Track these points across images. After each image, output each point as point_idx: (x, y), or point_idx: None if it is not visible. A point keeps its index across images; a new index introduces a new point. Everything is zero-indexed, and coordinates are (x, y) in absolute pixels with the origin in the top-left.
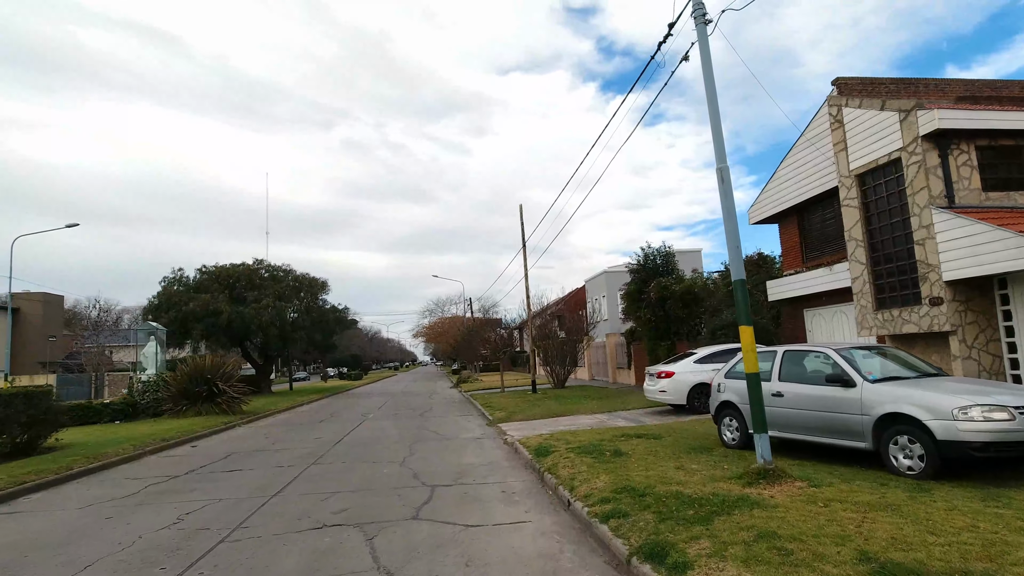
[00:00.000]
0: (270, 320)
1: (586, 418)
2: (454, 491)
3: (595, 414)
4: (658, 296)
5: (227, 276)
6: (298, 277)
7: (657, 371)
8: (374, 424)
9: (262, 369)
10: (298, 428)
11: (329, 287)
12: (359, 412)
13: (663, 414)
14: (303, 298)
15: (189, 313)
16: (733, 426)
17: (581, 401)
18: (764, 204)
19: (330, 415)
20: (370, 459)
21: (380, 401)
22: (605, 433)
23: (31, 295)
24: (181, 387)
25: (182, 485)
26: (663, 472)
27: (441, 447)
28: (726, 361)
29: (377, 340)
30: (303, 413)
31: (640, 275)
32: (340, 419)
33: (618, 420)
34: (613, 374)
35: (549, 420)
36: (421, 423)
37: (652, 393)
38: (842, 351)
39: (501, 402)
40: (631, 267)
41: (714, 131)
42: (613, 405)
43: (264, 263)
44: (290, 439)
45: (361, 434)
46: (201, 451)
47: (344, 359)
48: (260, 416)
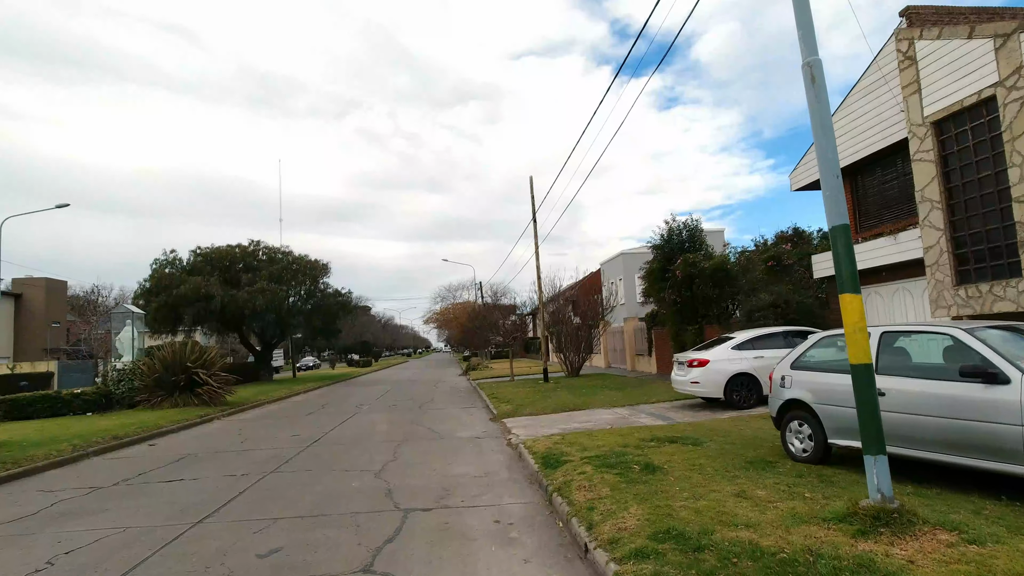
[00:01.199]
0: (265, 304)
1: (604, 413)
2: (433, 519)
3: (614, 408)
4: (684, 274)
5: (222, 258)
6: (297, 259)
7: (688, 359)
8: (365, 418)
9: (261, 356)
10: (280, 422)
11: (331, 270)
12: (354, 403)
13: (695, 409)
14: (303, 282)
15: (180, 297)
16: (804, 433)
17: (598, 392)
18: (809, 167)
19: (321, 406)
20: (343, 466)
21: (381, 390)
22: (629, 435)
23: (33, 280)
24: (156, 376)
25: (96, 503)
26: (719, 502)
27: (432, 449)
28: (771, 347)
29: (391, 327)
30: (294, 404)
31: (663, 252)
32: (330, 411)
33: (642, 416)
34: (632, 361)
35: (561, 415)
36: (417, 417)
37: (682, 384)
38: (976, 331)
39: (509, 392)
40: (653, 243)
41: (799, 16)
42: (635, 397)
43: (261, 244)
44: (263, 437)
45: (345, 431)
46: (156, 452)
47: (353, 346)
48: (244, 408)
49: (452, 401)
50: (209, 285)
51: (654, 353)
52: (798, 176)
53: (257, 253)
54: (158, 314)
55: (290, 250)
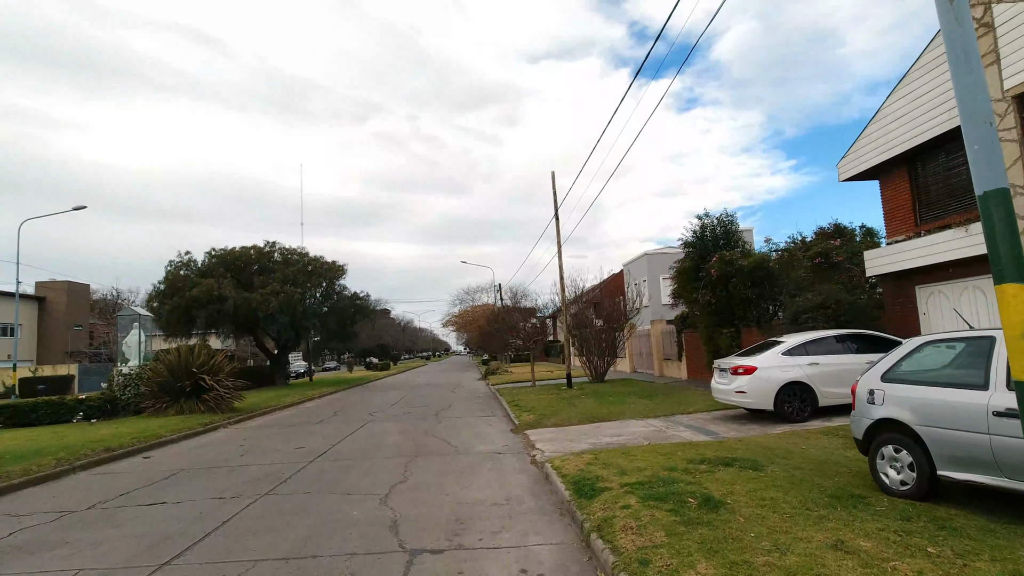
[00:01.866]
0: (278, 306)
1: (637, 425)
2: (443, 566)
3: (648, 419)
4: (720, 273)
5: (236, 259)
6: (312, 260)
7: (733, 365)
8: (377, 427)
9: (276, 359)
10: (286, 431)
11: (347, 272)
12: (368, 410)
13: (739, 421)
14: (318, 283)
15: (192, 299)
16: (903, 461)
17: (627, 400)
18: (861, 154)
19: (333, 413)
20: (345, 487)
21: (397, 396)
22: (672, 455)
23: (56, 283)
24: (161, 381)
25: (59, 533)
26: (814, 558)
27: (446, 468)
28: (827, 352)
29: (410, 330)
30: (305, 411)
31: (696, 250)
32: (341, 419)
33: (680, 429)
34: (659, 366)
35: (589, 427)
36: (432, 426)
37: (724, 394)
38: None
39: (531, 400)
40: (685, 240)
41: None
42: (668, 406)
43: (277, 246)
44: (265, 448)
45: (354, 442)
46: (148, 466)
47: (371, 349)
48: (253, 414)
49: (470, 408)
50: (222, 287)
51: (684, 358)
52: (848, 165)
53: (272, 254)
54: (171, 317)
55: (306, 251)
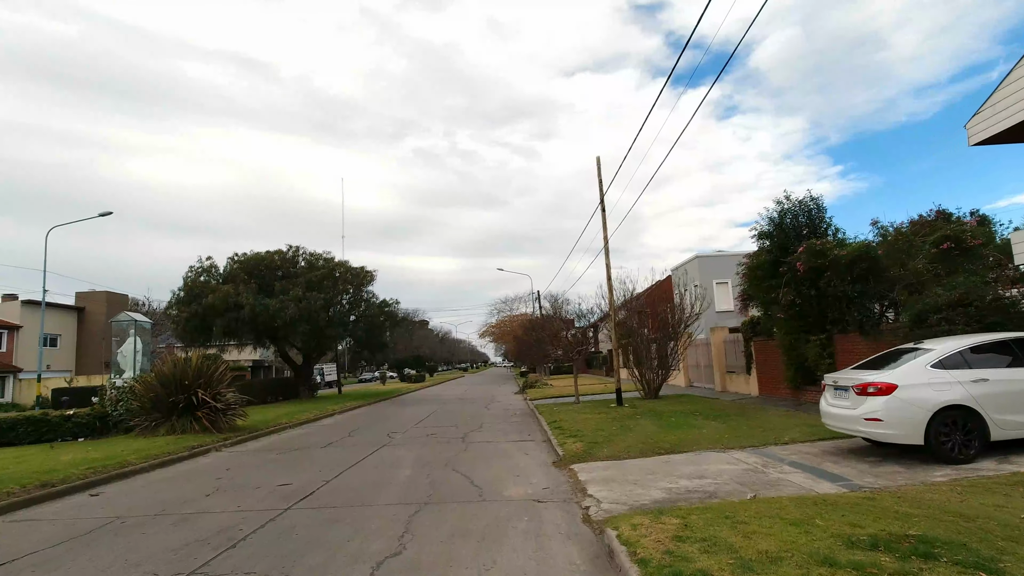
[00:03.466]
0: (298, 314)
1: (719, 460)
2: None
3: (731, 450)
4: (809, 267)
5: (258, 265)
6: (338, 265)
7: (859, 382)
8: (390, 455)
9: (300, 370)
10: (284, 459)
11: (375, 278)
12: (388, 429)
13: (866, 457)
14: (345, 290)
15: (209, 307)
16: None
17: (693, 422)
18: (1001, 108)
19: (347, 434)
20: (312, 561)
21: (424, 411)
22: (807, 521)
23: (95, 294)
24: (153, 396)
25: None
26: None
27: (464, 527)
28: (998, 364)
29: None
30: (318, 430)
31: (774, 241)
32: (352, 442)
33: (785, 469)
34: (721, 380)
35: (655, 460)
36: (456, 454)
37: (843, 420)
38: None
39: (576, 420)
40: (759, 230)
41: None
42: (752, 433)
43: (301, 251)
44: (244, 484)
45: (354, 478)
46: (85, 509)
47: (407, 360)
48: (256, 434)
49: (504, 429)
50: (239, 293)
51: (754, 370)
52: (982, 124)
53: (296, 260)
54: (188, 325)
55: (332, 256)
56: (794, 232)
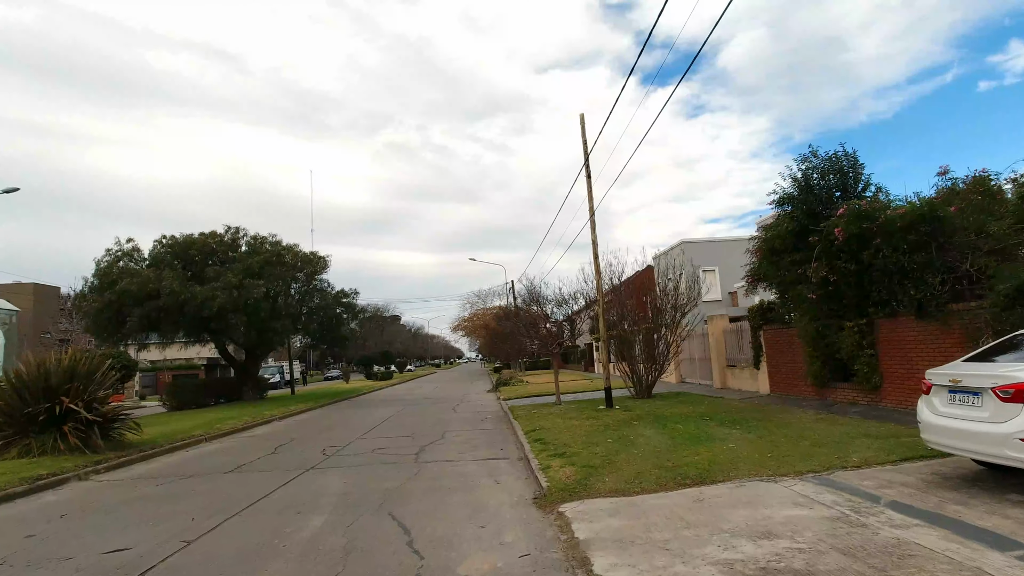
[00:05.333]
0: (229, 303)
1: (779, 497)
2: None
3: (785, 478)
4: (850, 235)
5: (190, 248)
6: (286, 250)
7: (999, 383)
8: (309, 486)
9: (243, 368)
10: (157, 496)
11: (329, 265)
12: (325, 443)
13: (1010, 493)
14: (293, 277)
15: (123, 294)
16: None
17: (709, 430)
18: None
19: (272, 450)
20: None
21: (381, 415)
22: None
23: (20, 286)
24: (6, 407)
25: None
26: None
27: None
28: None
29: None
30: (239, 444)
31: (800, 205)
32: (270, 466)
33: (896, 516)
34: (721, 376)
35: (683, 497)
36: (399, 486)
37: (975, 440)
38: None
39: (560, 428)
40: (779, 194)
41: None
42: (798, 448)
43: (242, 233)
44: (46, 558)
45: (238, 534)
46: None
47: (374, 356)
48: (147, 454)
49: (470, 440)
50: (160, 279)
51: (764, 364)
52: None
53: (237, 243)
54: (99, 316)
55: (279, 239)
56: (825, 194)
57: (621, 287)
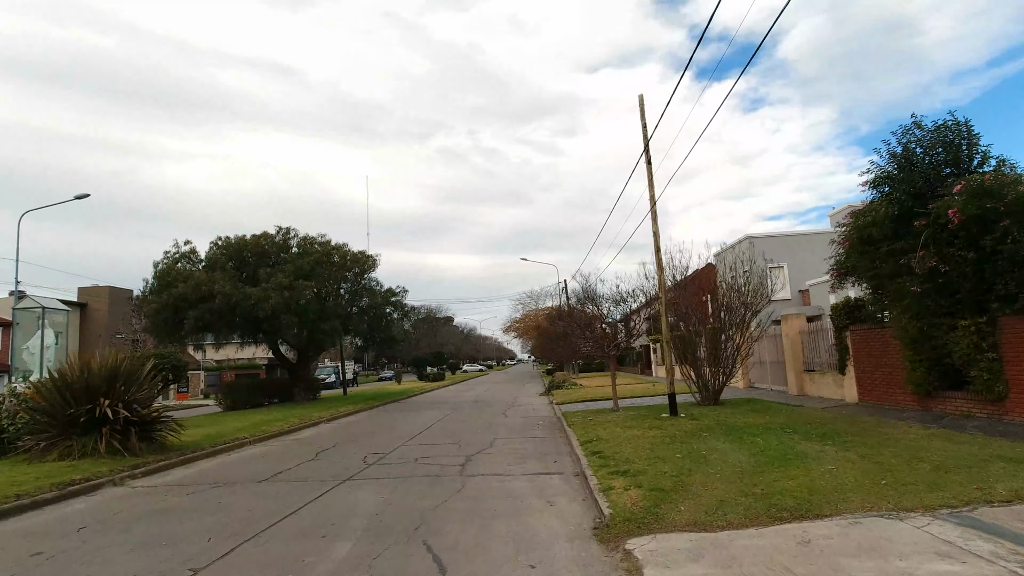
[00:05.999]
0: (282, 304)
1: (913, 541)
2: None
3: (912, 514)
4: (969, 216)
5: (244, 250)
6: (335, 249)
7: None
8: (341, 502)
9: (295, 370)
10: (185, 506)
11: (378, 263)
12: (368, 450)
13: None
14: (343, 277)
15: (179, 296)
16: None
17: (796, 447)
18: None
19: (313, 456)
20: None
21: (429, 419)
22: None
23: (97, 289)
24: (47, 407)
25: None
26: None
27: None
28: None
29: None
30: (282, 449)
31: (901, 185)
32: (306, 475)
33: None
34: (798, 381)
35: (783, 536)
36: (438, 506)
37: None
38: None
39: (620, 439)
40: (875, 174)
41: None
42: (918, 474)
43: (293, 233)
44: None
45: (248, 564)
46: None
47: (426, 357)
48: (187, 458)
49: (520, 451)
50: (214, 281)
51: (851, 369)
52: None
53: (288, 244)
54: (157, 317)
55: (328, 239)
56: (931, 172)
57: (685, 283)
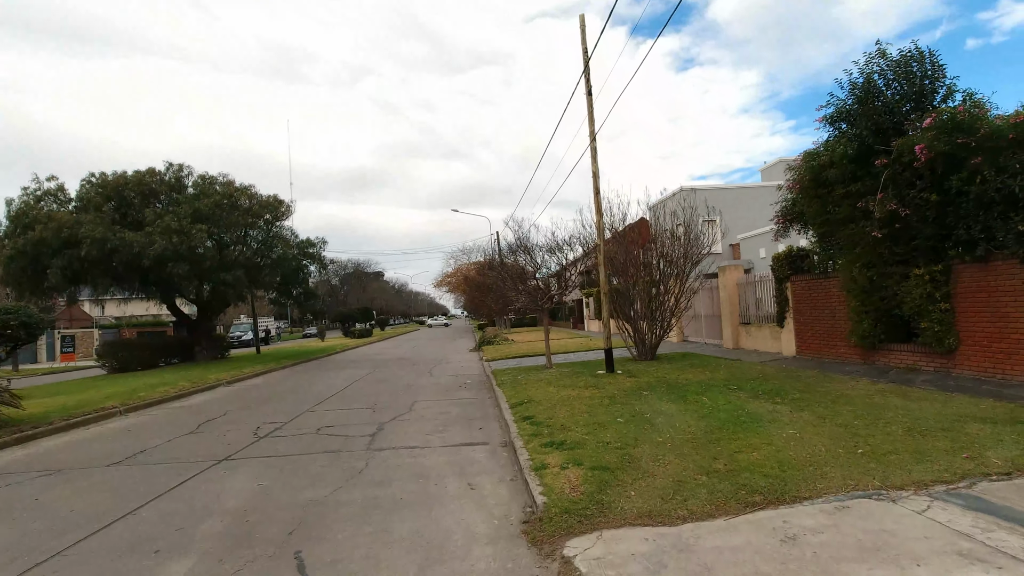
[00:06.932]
0: (172, 251)
1: (918, 529)
2: None
3: (905, 492)
4: (937, 153)
5: (125, 188)
6: (239, 192)
7: None
8: (199, 498)
9: (196, 325)
10: None
11: (293, 211)
12: (263, 418)
13: None
14: (250, 224)
15: (38, 241)
16: None
17: (749, 406)
18: None
19: (196, 427)
20: None
21: (344, 380)
22: None
23: None
24: None
25: None
26: None
27: None
28: None
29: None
30: (162, 418)
31: (862, 121)
32: (176, 454)
33: None
34: (734, 335)
35: (756, 529)
36: (329, 495)
37: None
38: None
39: (555, 401)
40: (836, 106)
41: None
42: (897, 436)
43: (186, 170)
44: None
45: None
46: None
47: (352, 313)
48: (26, 435)
49: (443, 417)
50: (81, 223)
51: (791, 321)
52: None
53: (182, 183)
54: (11, 266)
55: (231, 179)
56: (895, 105)
57: (623, 235)
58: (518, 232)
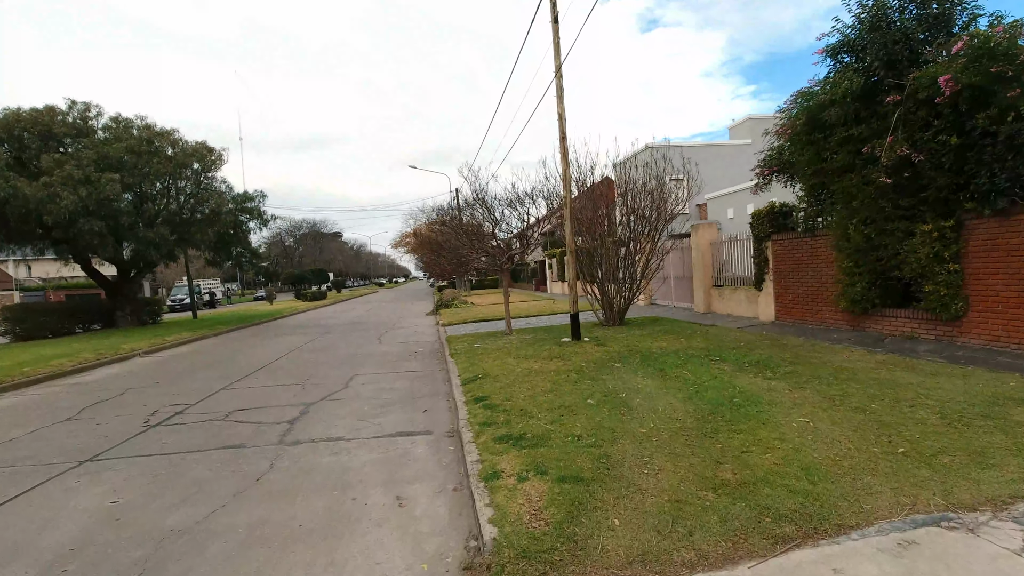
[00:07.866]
0: (80, 204)
1: None
2: None
3: (981, 516)
4: (963, 86)
5: (20, 127)
6: (160, 136)
7: None
8: (31, 518)
9: (117, 288)
10: None
11: (225, 160)
12: (168, 399)
13: None
14: (177, 174)
15: None
16: None
17: (738, 382)
18: None
19: (73, 415)
20: None
21: (281, 349)
22: None
23: None
24: None
25: None
26: None
27: None
28: None
29: (363, 254)
30: (36, 399)
31: (869, 53)
32: (14, 459)
33: None
34: (706, 298)
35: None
36: (201, 528)
37: None
38: None
39: (512, 377)
40: (840, 35)
41: None
42: (934, 429)
43: (95, 110)
44: None
45: None
46: None
47: (306, 275)
48: None
49: (382, 396)
50: None
51: (770, 284)
52: None
53: (88, 125)
54: None
55: (151, 123)
56: (910, 34)
57: (591, 191)
58: (475, 184)
